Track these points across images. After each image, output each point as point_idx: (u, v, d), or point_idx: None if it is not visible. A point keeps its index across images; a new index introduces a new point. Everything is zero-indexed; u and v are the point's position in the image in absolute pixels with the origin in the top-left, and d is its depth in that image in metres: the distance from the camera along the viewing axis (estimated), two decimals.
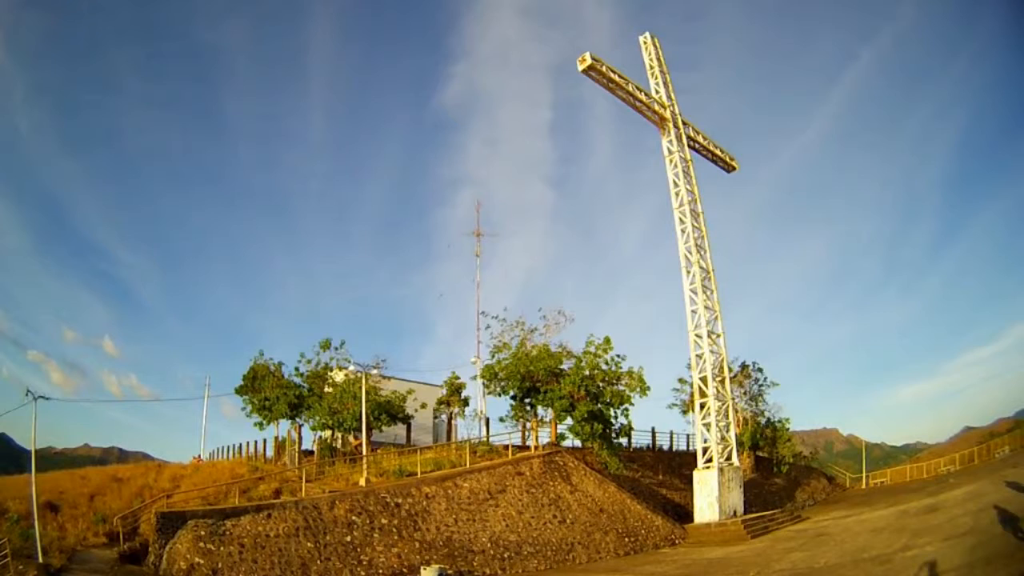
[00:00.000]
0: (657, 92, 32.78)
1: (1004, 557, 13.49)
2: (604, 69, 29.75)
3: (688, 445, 38.31)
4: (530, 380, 29.13)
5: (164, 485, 25.40)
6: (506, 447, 30.22)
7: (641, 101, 31.61)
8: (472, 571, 20.43)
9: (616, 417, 28.77)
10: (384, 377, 32.87)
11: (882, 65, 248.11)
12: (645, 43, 33.87)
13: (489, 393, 31.80)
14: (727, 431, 29.29)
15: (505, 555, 21.70)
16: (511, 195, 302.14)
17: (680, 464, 35.50)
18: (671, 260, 31.48)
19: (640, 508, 26.82)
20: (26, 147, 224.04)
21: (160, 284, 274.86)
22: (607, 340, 29.54)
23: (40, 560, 17.22)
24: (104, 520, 22.16)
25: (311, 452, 32.40)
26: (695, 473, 28.61)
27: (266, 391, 33.05)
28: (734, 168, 37.27)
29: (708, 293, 30.67)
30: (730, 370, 33.47)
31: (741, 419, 39.95)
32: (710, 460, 28.19)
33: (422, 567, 19.03)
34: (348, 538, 19.75)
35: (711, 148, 35.60)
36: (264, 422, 33.74)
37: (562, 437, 30.41)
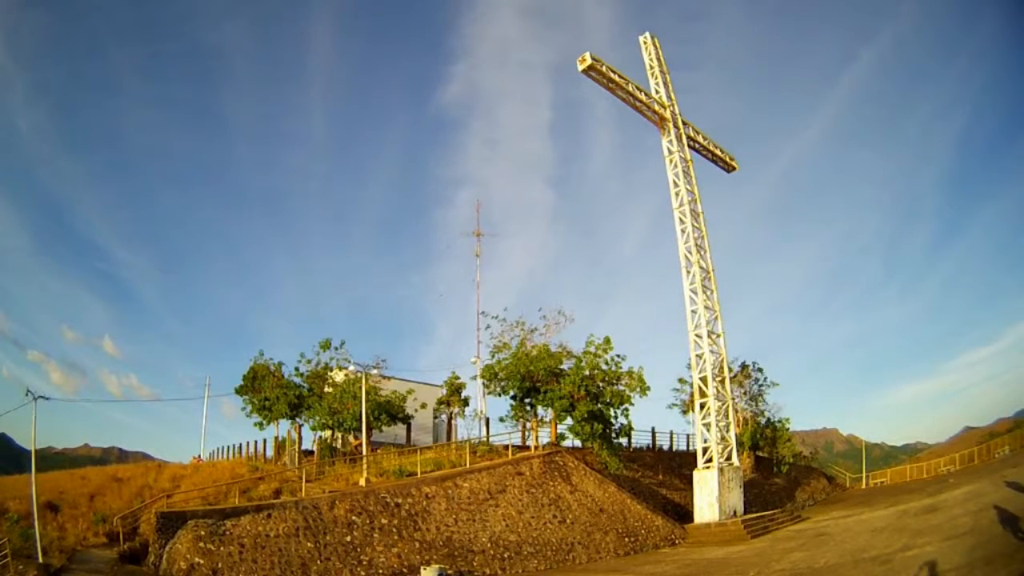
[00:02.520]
0: (657, 92, 32.77)
1: (1004, 557, 13.48)
2: (604, 69, 29.74)
3: (688, 445, 38.31)
4: (530, 380, 29.12)
5: (164, 485, 25.41)
6: (506, 447, 30.20)
7: (641, 101, 31.61)
8: (472, 571, 20.43)
9: (616, 417, 28.76)
10: (384, 377, 32.85)
11: (882, 65, 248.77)
12: (645, 43, 33.86)
13: (489, 393, 31.84)
14: (727, 431, 29.28)
15: (505, 555, 21.69)
16: (511, 195, 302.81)
17: (680, 464, 35.49)
18: (671, 260, 31.54)
19: (640, 508, 26.81)
20: (26, 147, 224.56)
21: (160, 284, 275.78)
22: (607, 340, 29.55)
23: (40, 560, 17.23)
24: (104, 520, 22.17)
25: (311, 452, 32.39)
26: (695, 473, 28.60)
27: (266, 391, 33.03)
28: (734, 168, 37.26)
29: (708, 293, 30.66)
30: (730, 370, 33.46)
31: (741, 419, 39.94)
32: (710, 460, 28.18)
33: (422, 567, 19.02)
34: (348, 538, 19.74)
35: (711, 148, 35.59)
36: (264, 422, 33.73)
37: (562, 437, 30.41)
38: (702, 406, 29.23)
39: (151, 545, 18.77)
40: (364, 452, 28.92)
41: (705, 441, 28.87)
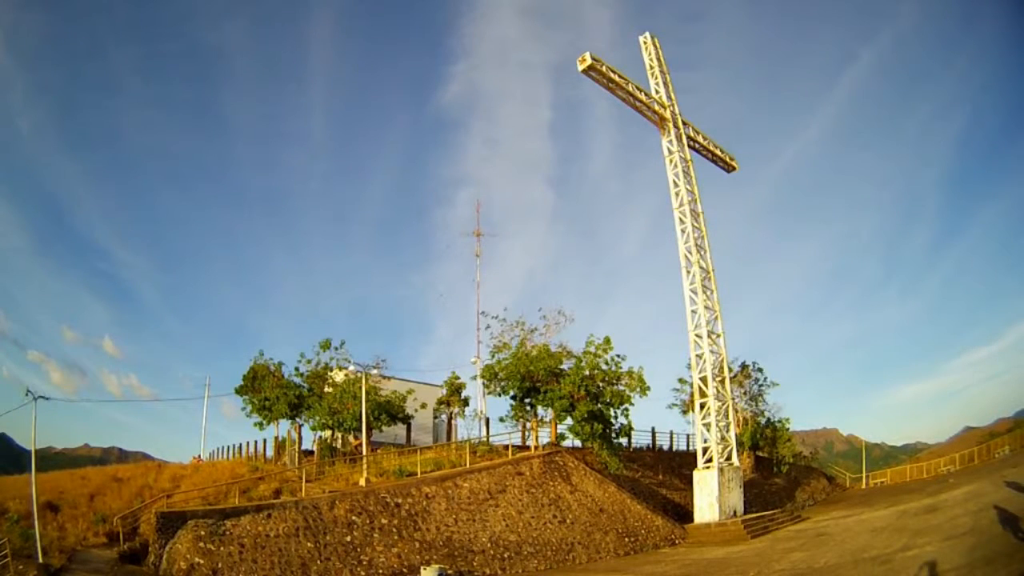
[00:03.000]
0: (657, 92, 32.77)
1: (1004, 557, 13.48)
2: (604, 69, 29.74)
3: (688, 445, 38.30)
4: (530, 380, 29.12)
5: (164, 485, 25.39)
6: (506, 447, 30.20)
7: (641, 101, 31.60)
8: (472, 571, 20.43)
9: (616, 417, 28.76)
10: (384, 377, 32.83)
11: (882, 65, 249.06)
12: (645, 43, 33.86)
13: (489, 393, 31.83)
14: (727, 431, 29.28)
15: (505, 555, 21.69)
16: (511, 195, 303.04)
17: (680, 464, 35.48)
18: (671, 260, 31.54)
19: (640, 508, 26.81)
20: (26, 147, 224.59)
21: (160, 284, 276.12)
22: (607, 340, 29.54)
23: (40, 560, 17.22)
24: (104, 520, 22.15)
25: (311, 452, 32.38)
26: (695, 473, 28.60)
27: (266, 391, 33.02)
28: (734, 168, 37.25)
29: (708, 293, 30.66)
30: (730, 370, 33.46)
31: (741, 419, 39.94)
32: (710, 460, 28.18)
33: (422, 567, 19.03)
34: (348, 538, 19.74)
35: (711, 148, 35.59)
36: (264, 422, 33.71)
37: (562, 437, 30.40)
38: (702, 406, 29.23)
39: (151, 545, 18.77)
40: (364, 452, 28.90)
41: (705, 441, 28.87)
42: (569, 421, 28.72)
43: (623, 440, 31.26)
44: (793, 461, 41.10)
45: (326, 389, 33.20)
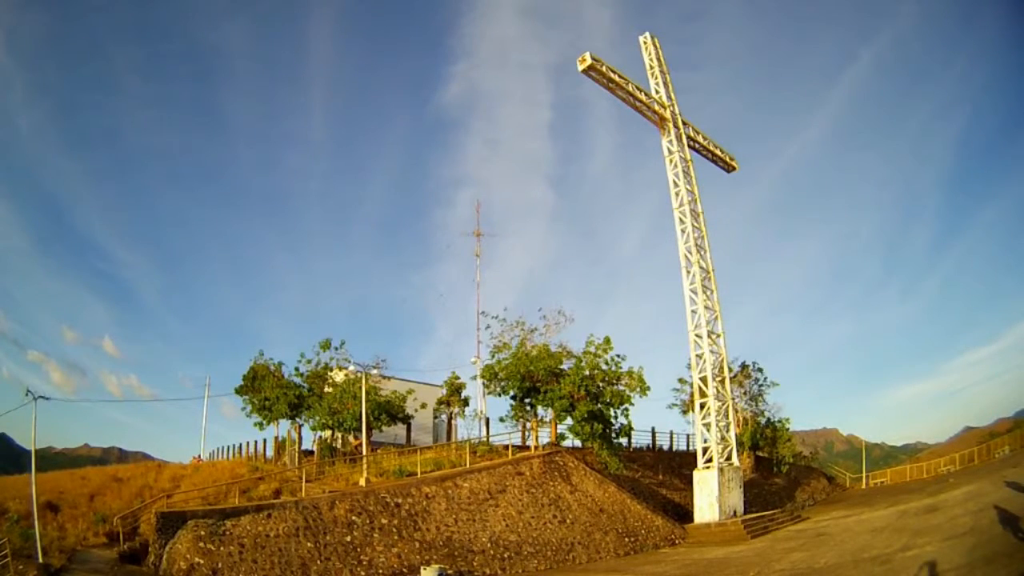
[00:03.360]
0: (657, 92, 32.77)
1: (1004, 557, 13.47)
2: (604, 69, 29.75)
3: (688, 445, 38.33)
4: (530, 380, 29.11)
5: (164, 485, 25.41)
6: (506, 447, 30.20)
7: (641, 101, 31.61)
8: (472, 571, 20.43)
9: (616, 417, 28.76)
10: (384, 377, 32.81)
11: (882, 65, 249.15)
12: (645, 43, 33.87)
13: (489, 393, 31.83)
14: (727, 431, 29.28)
15: (505, 555, 21.69)
16: (511, 195, 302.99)
17: (680, 464, 35.49)
18: (671, 260, 31.55)
19: (640, 508, 26.81)
20: (26, 147, 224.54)
21: (160, 284, 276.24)
22: (607, 340, 29.55)
23: (40, 560, 17.23)
24: (104, 520, 22.16)
25: (311, 452, 32.38)
26: (695, 473, 28.60)
27: (266, 391, 33.03)
28: (734, 168, 37.26)
29: (708, 293, 30.66)
30: (730, 370, 33.46)
31: (741, 419, 39.94)
32: (710, 460, 28.18)
33: (422, 567, 19.03)
34: (348, 538, 19.74)
35: (711, 148, 35.59)
36: (264, 422, 33.73)
37: (562, 437, 30.40)
38: (702, 406, 29.23)
39: (151, 545, 18.76)
40: (364, 452, 28.90)
41: (705, 441, 28.87)
42: (569, 421, 28.72)
43: (623, 440, 31.26)
44: (793, 461, 41.10)
45: (326, 389, 33.20)
